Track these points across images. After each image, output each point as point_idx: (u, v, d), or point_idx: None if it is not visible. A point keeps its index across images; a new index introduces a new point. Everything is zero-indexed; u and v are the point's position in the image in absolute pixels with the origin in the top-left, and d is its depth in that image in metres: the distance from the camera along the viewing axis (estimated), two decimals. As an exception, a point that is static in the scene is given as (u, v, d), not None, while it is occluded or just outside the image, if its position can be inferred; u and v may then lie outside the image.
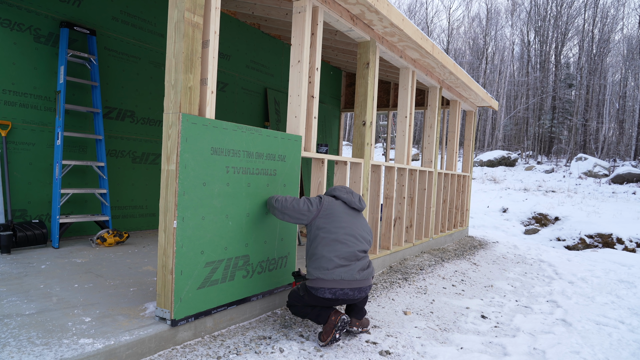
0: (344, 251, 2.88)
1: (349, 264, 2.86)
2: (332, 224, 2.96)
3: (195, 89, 2.69)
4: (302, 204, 3.04)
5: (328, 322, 2.86)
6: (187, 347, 2.66)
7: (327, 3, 3.84)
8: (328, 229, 2.94)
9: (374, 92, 4.77)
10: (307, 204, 3.04)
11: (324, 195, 3.14)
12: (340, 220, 2.99)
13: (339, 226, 2.96)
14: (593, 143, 31.97)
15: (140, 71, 5.78)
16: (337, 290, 2.82)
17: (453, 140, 7.81)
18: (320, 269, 2.83)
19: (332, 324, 2.86)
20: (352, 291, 2.85)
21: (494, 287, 5.03)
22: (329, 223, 2.97)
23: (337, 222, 2.97)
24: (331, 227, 2.95)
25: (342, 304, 2.94)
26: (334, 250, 2.87)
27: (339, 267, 2.83)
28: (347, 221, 3.01)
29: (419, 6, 43.40)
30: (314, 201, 3.07)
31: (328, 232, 2.92)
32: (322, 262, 2.84)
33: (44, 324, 2.53)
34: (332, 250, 2.86)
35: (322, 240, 2.91)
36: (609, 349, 3.35)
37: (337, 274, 2.81)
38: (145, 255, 4.51)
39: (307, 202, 3.05)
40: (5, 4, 4.45)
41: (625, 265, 7.32)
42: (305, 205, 3.03)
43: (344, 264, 2.85)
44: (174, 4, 2.63)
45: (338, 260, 2.84)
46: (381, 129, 11.86)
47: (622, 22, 35.46)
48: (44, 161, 4.83)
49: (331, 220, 2.98)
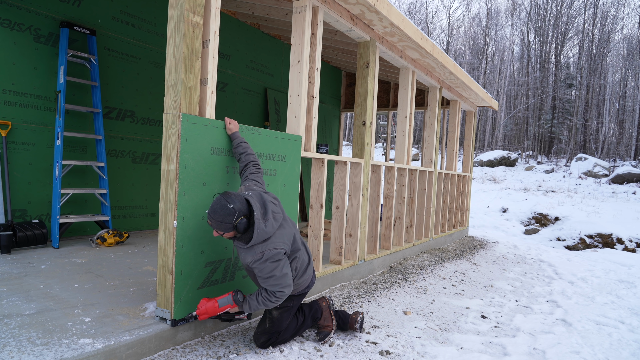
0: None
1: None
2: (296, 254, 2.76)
3: (195, 89, 2.69)
4: (287, 269, 2.55)
5: (322, 310, 2.95)
6: (187, 347, 2.66)
7: (327, 3, 3.84)
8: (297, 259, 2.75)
9: (374, 92, 4.77)
10: (287, 267, 2.56)
11: (279, 248, 2.53)
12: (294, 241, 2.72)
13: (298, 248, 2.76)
14: (593, 143, 31.97)
15: (140, 71, 5.78)
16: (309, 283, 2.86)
17: (453, 140, 7.81)
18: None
19: (327, 310, 2.97)
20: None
21: (494, 287, 5.03)
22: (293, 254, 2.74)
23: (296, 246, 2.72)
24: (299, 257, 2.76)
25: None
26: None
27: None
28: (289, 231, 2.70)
29: (419, 6, 43.42)
30: (285, 261, 2.56)
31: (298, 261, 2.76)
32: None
33: (44, 324, 2.52)
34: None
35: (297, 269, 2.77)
36: (609, 349, 3.35)
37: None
38: (145, 255, 4.51)
39: (286, 265, 2.55)
40: (5, 4, 4.45)
41: (625, 265, 7.32)
42: (287, 268, 2.57)
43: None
44: (174, 4, 2.63)
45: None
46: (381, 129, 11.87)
47: (622, 22, 35.49)
48: (44, 161, 4.83)
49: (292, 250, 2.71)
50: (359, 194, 4.64)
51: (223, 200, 2.41)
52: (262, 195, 2.58)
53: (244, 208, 2.44)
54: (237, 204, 2.41)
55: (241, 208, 2.42)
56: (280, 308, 2.74)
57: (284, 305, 2.74)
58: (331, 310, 3.00)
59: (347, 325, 3.10)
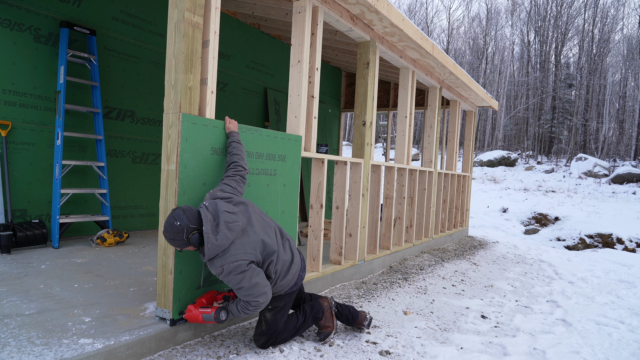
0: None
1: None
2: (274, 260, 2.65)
3: (195, 89, 2.69)
4: (257, 279, 2.47)
5: (324, 310, 2.94)
6: (187, 347, 2.66)
7: (327, 3, 3.84)
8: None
9: (374, 92, 4.77)
10: (257, 276, 2.47)
11: (240, 259, 2.42)
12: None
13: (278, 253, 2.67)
14: (593, 143, 31.97)
15: (140, 71, 5.78)
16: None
17: (453, 140, 7.81)
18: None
19: (328, 310, 2.96)
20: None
21: (494, 287, 5.03)
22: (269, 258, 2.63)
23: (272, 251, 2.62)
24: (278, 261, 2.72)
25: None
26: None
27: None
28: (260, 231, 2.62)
29: (419, 6, 43.43)
30: (255, 270, 2.48)
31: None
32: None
33: (44, 324, 2.53)
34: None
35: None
36: (609, 349, 3.35)
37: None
38: (145, 255, 4.51)
39: (255, 275, 2.46)
40: (5, 4, 4.45)
41: (625, 265, 7.32)
42: (258, 277, 2.48)
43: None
44: (174, 4, 2.63)
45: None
46: (381, 129, 11.86)
47: (622, 22, 35.49)
48: (44, 161, 4.83)
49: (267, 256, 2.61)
50: (359, 194, 4.64)
51: (171, 218, 2.38)
52: (217, 204, 2.48)
53: (194, 222, 2.38)
54: (185, 220, 2.36)
55: (189, 224, 2.36)
56: (273, 309, 2.71)
57: (275, 305, 2.71)
58: (332, 311, 3.00)
59: (355, 321, 3.10)
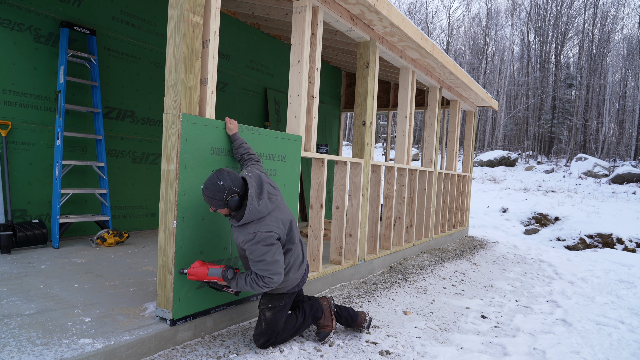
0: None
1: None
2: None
3: (195, 89, 2.69)
4: (279, 256, 2.49)
5: (323, 309, 2.95)
6: (187, 347, 2.66)
7: (327, 3, 3.84)
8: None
9: (374, 92, 4.77)
10: (279, 254, 2.50)
11: (273, 232, 2.48)
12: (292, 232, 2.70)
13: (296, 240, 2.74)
14: (593, 143, 31.97)
15: (140, 71, 5.78)
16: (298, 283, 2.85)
17: (453, 140, 7.81)
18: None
19: (327, 309, 2.96)
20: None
21: (494, 287, 5.03)
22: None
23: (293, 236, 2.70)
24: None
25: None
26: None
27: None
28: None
29: (419, 6, 43.42)
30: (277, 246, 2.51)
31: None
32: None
33: (44, 324, 2.52)
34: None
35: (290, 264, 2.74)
36: (609, 349, 3.35)
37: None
38: (145, 255, 4.51)
39: (278, 252, 2.50)
40: (5, 4, 4.45)
41: (625, 265, 7.32)
42: (280, 255, 2.51)
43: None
44: (174, 4, 2.63)
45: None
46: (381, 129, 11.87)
47: (622, 22, 35.48)
48: (44, 161, 4.83)
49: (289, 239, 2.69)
50: (359, 194, 4.64)
51: (215, 177, 2.43)
52: (260, 176, 2.58)
53: (237, 186, 2.43)
54: (228, 181, 2.41)
55: (232, 185, 2.41)
56: (273, 308, 2.72)
57: (275, 304, 2.72)
58: (332, 310, 3.00)
59: (355, 322, 3.08)
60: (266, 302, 2.75)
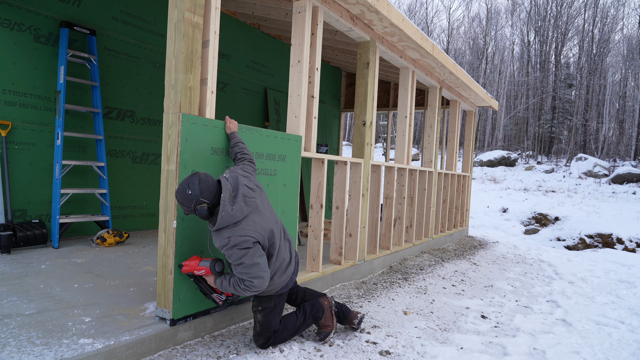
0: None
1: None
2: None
3: (195, 89, 2.69)
4: (259, 259, 2.42)
5: (324, 309, 2.93)
6: (187, 347, 2.66)
7: (327, 3, 3.84)
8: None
9: (374, 92, 4.77)
10: (259, 257, 2.43)
11: (249, 236, 2.41)
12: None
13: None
14: (593, 143, 31.97)
15: (140, 71, 5.78)
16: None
17: (453, 140, 7.81)
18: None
19: (328, 309, 2.94)
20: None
21: (494, 287, 5.03)
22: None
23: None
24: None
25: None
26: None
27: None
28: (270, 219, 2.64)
29: (419, 6, 43.41)
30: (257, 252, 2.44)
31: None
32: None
33: (44, 324, 2.52)
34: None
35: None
36: (609, 349, 3.35)
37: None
38: (145, 255, 4.51)
39: (257, 255, 2.43)
40: (5, 4, 4.45)
41: (625, 265, 7.32)
42: (260, 258, 2.44)
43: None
44: (174, 4, 2.63)
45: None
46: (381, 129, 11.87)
47: (622, 22, 35.46)
48: (44, 161, 4.83)
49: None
50: (359, 194, 4.64)
51: (185, 184, 2.37)
52: (238, 178, 2.50)
53: (206, 195, 2.36)
54: (196, 191, 2.34)
55: (200, 196, 2.34)
56: (263, 310, 2.70)
57: (265, 306, 2.70)
58: (332, 310, 2.99)
59: (346, 319, 3.08)
60: (256, 304, 2.74)
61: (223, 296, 2.67)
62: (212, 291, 2.65)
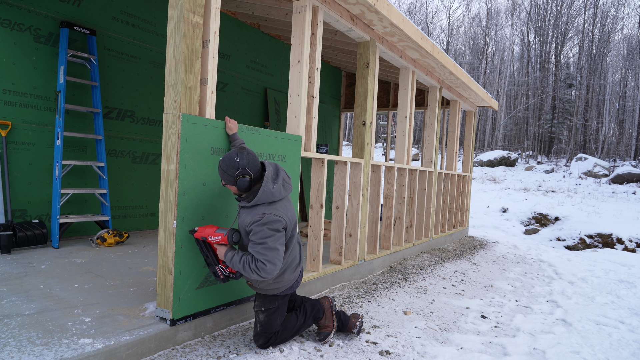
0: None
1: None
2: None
3: (195, 89, 2.69)
4: (280, 246, 2.46)
5: (324, 309, 2.94)
6: (187, 347, 2.66)
7: (327, 3, 3.84)
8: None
9: (374, 92, 4.77)
10: (281, 244, 2.48)
11: (282, 218, 2.48)
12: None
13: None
14: (593, 143, 31.97)
15: (140, 71, 5.78)
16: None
17: (453, 140, 7.81)
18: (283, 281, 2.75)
19: (329, 309, 2.95)
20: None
21: (494, 287, 5.03)
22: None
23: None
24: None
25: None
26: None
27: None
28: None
29: (419, 6, 43.43)
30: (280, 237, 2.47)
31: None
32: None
33: (44, 324, 2.52)
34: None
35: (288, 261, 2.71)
36: (609, 349, 3.35)
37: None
38: (145, 255, 4.51)
39: (280, 241, 2.47)
40: (5, 4, 4.45)
41: (625, 265, 7.32)
42: (281, 246, 2.49)
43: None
44: (174, 4, 2.63)
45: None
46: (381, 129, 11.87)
47: (622, 22, 35.47)
48: (44, 161, 4.83)
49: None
50: (359, 194, 4.64)
51: (234, 153, 2.47)
52: (277, 165, 2.66)
53: (252, 168, 2.47)
54: (244, 161, 2.44)
55: (247, 166, 2.44)
56: (266, 311, 2.70)
57: (268, 307, 2.70)
58: (333, 311, 2.99)
59: (346, 327, 3.07)
60: (259, 304, 2.73)
61: (227, 271, 2.65)
62: (217, 263, 2.64)
